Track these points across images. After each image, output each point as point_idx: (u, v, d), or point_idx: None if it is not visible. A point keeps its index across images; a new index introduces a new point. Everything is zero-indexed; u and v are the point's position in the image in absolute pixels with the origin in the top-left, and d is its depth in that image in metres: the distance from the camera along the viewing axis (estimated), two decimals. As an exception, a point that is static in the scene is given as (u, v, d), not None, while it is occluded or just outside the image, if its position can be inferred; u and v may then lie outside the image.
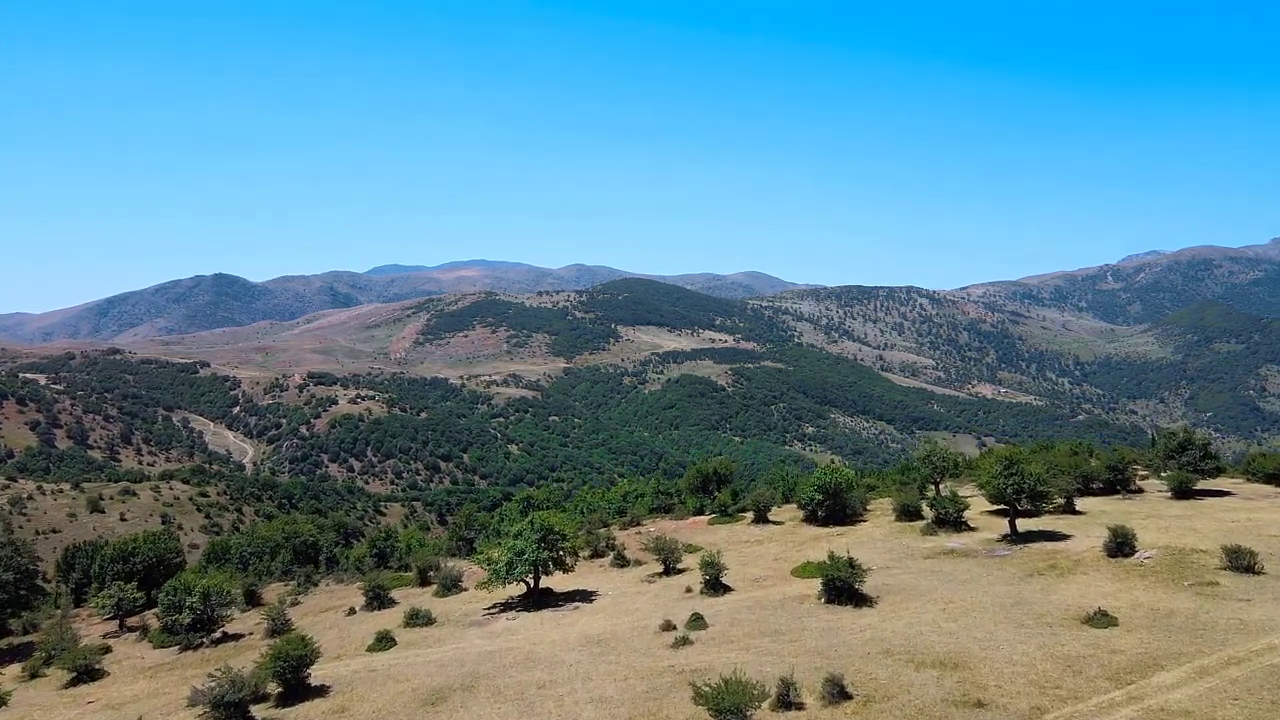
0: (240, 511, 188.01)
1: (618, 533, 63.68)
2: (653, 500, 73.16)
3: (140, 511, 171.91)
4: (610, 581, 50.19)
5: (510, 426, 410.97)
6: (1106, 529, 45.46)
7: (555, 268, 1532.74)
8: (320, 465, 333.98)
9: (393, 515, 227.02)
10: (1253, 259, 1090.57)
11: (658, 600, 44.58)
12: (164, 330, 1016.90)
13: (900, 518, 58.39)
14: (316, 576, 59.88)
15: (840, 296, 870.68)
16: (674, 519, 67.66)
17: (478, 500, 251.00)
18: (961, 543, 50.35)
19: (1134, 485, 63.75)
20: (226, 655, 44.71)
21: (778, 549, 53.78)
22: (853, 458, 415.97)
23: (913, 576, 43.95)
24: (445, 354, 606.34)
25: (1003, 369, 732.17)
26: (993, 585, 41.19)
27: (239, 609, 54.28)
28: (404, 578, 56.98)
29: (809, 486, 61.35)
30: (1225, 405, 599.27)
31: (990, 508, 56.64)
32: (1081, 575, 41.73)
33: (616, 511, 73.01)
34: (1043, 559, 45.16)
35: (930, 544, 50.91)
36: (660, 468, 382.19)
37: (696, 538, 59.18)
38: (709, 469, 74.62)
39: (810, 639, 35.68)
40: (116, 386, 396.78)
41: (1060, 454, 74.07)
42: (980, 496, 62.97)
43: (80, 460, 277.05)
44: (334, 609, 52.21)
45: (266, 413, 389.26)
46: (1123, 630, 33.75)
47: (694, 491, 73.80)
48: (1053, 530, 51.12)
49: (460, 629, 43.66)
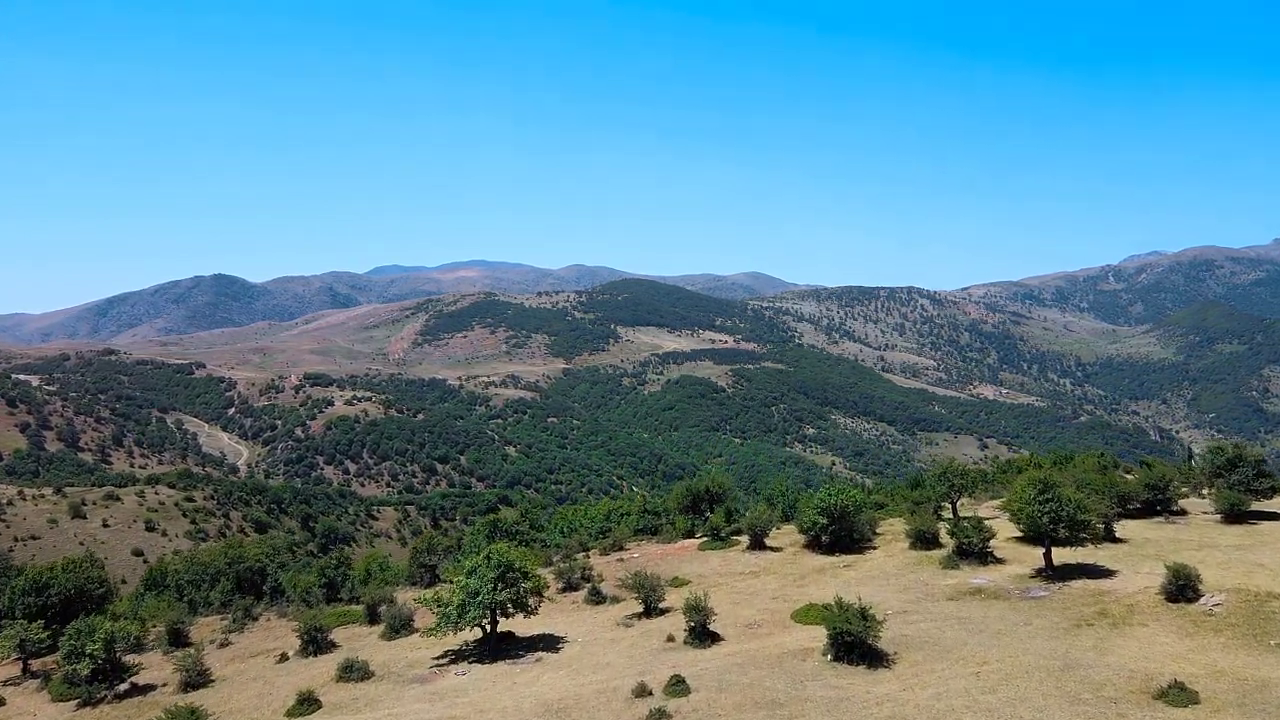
0: (228, 517, 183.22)
1: (597, 559, 56.83)
2: (638, 520, 66.17)
3: (124, 517, 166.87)
4: (582, 623, 43.36)
5: (508, 428, 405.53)
6: (1164, 567, 38.58)
7: (555, 268, 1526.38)
8: (315, 467, 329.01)
9: (386, 520, 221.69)
10: (1255, 259, 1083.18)
11: (634, 652, 37.78)
12: (163, 331, 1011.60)
13: (915, 545, 51.51)
14: (257, 610, 53.13)
15: (841, 297, 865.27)
16: (661, 542, 60.70)
17: (473, 504, 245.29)
18: (989, 579, 43.49)
19: (1175, 506, 56.95)
20: (128, 714, 38.10)
21: (776, 584, 46.92)
22: (854, 459, 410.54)
23: (936, 625, 37.07)
24: (444, 355, 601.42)
25: (1004, 370, 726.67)
26: (1033, 639, 34.36)
27: (161, 650, 47.60)
28: (352, 613, 50.14)
29: (811, 509, 54.45)
30: (1228, 406, 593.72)
31: (1017, 533, 49.98)
32: (1140, 627, 34.89)
33: (598, 532, 66.14)
34: (1089, 602, 38.32)
35: (953, 581, 44.01)
36: (659, 469, 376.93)
37: (684, 567, 52.36)
38: (700, 487, 67.11)
39: (815, 714, 28.94)
40: (110, 388, 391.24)
41: (1086, 467, 67.36)
42: (1004, 518, 56.40)
43: (70, 463, 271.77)
44: (266, 652, 45.44)
45: (262, 414, 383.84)
46: (1207, 711, 26.99)
47: (683, 511, 66.40)
48: (1094, 564, 44.29)
49: (399, 687, 36.88)
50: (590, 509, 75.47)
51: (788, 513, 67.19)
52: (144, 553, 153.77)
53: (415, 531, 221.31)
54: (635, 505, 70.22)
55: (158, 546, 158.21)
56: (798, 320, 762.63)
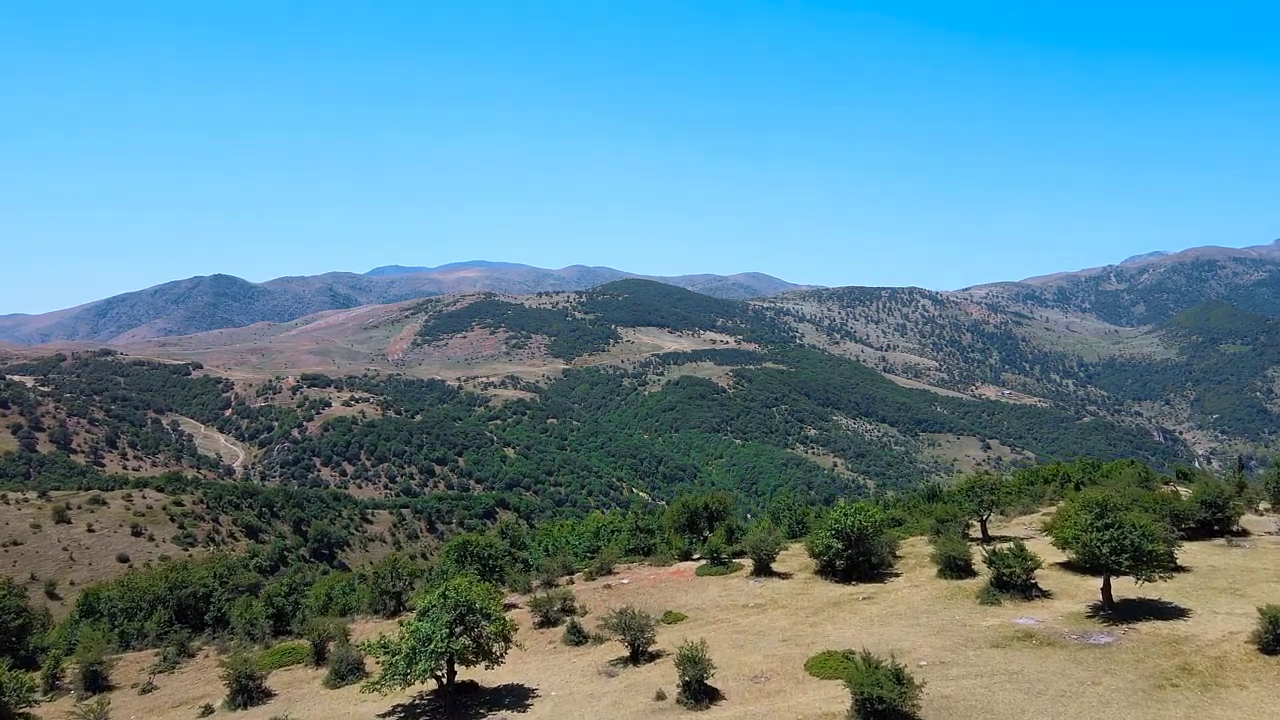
0: (217, 521, 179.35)
1: (582, 585, 50.24)
2: (629, 539, 59.15)
3: (110, 522, 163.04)
4: (558, 669, 36.83)
5: (507, 429, 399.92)
6: (1256, 610, 32.08)
7: (556, 269, 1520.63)
8: (312, 469, 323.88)
9: (381, 523, 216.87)
10: (1257, 260, 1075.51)
11: (616, 714, 31.20)
12: (162, 331, 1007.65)
13: (945, 573, 44.85)
14: (194, 644, 46.70)
15: (842, 297, 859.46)
16: (654, 565, 54.03)
17: (470, 507, 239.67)
18: (1038, 619, 36.87)
19: (1236, 525, 50.39)
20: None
21: (785, 620, 40.37)
22: (855, 461, 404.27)
23: (983, 683, 30.48)
24: (443, 355, 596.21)
25: (1006, 370, 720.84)
26: (1108, 706, 27.71)
27: (77, 695, 41.25)
28: (297, 650, 43.61)
29: (824, 531, 47.91)
30: (1232, 407, 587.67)
31: (1060, 557, 43.55)
32: (1238, 689, 28.41)
33: (586, 552, 59.72)
34: (1165, 652, 31.76)
35: (994, 620, 37.38)
36: (660, 471, 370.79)
37: (679, 598, 45.84)
38: (698, 504, 60.10)
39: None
40: (106, 388, 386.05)
41: (1126, 479, 60.72)
42: (1040, 537, 49.94)
43: (62, 465, 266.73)
44: (191, 702, 38.94)
45: (259, 415, 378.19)
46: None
47: (679, 530, 59.86)
48: (1158, 600, 37.74)
49: (333, 755, 30.61)
50: (578, 525, 68.94)
51: (795, 529, 60.72)
52: (130, 558, 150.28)
53: (411, 535, 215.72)
54: (627, 522, 63.51)
55: (144, 552, 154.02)
56: (799, 321, 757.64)
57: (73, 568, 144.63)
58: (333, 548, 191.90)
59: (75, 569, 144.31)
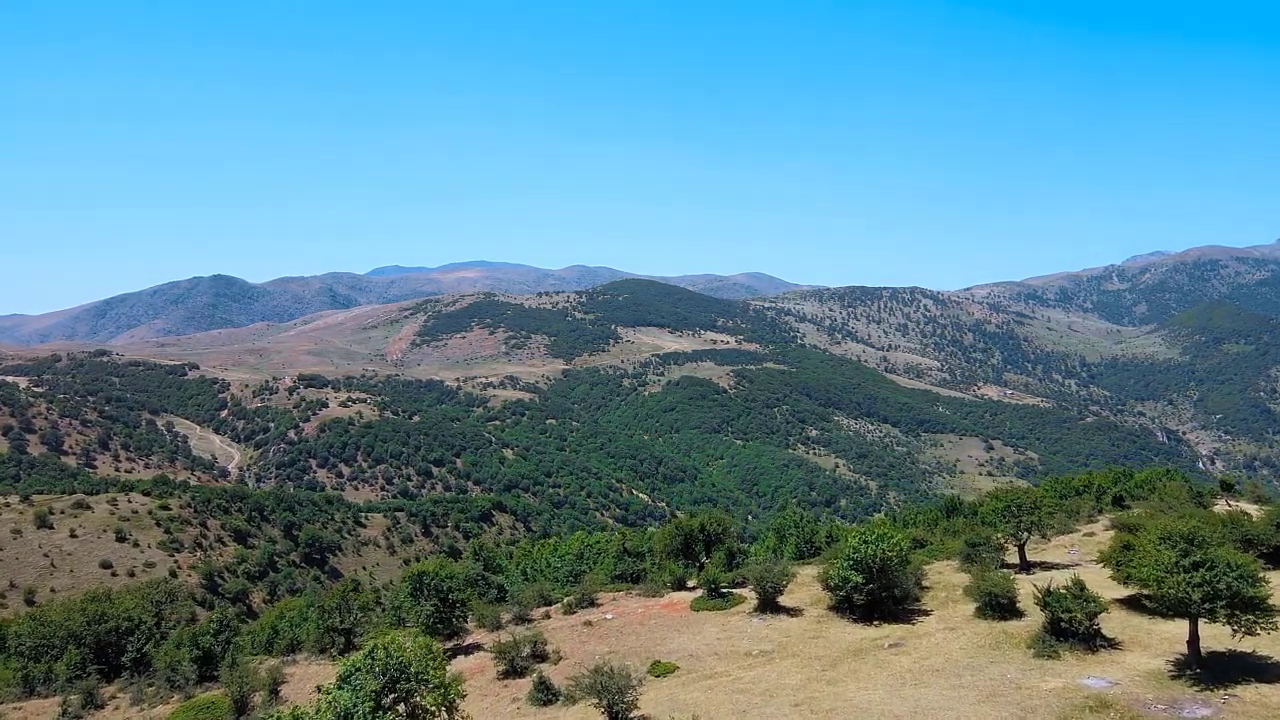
0: (205, 525, 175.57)
1: (559, 621, 43.35)
2: (615, 564, 53.08)
3: (93, 527, 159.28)
4: (521, 740, 30.21)
5: (506, 430, 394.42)
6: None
7: (556, 269, 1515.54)
8: (308, 471, 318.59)
9: (374, 527, 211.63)
10: (1259, 259, 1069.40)
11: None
12: (161, 332, 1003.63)
13: (983, 612, 37.83)
14: (105, 692, 40.07)
15: (843, 297, 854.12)
16: (643, 595, 47.21)
17: (466, 509, 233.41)
18: (1110, 680, 29.78)
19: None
20: None
21: (798, 675, 33.32)
22: (857, 461, 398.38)
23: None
24: (442, 356, 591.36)
25: (1008, 370, 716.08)
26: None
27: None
28: (216, 706, 36.95)
29: (841, 562, 40.82)
30: (1235, 407, 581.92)
31: (1116, 589, 36.87)
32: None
33: (568, 577, 52.98)
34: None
35: (1056, 681, 30.19)
36: (660, 472, 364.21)
37: (670, 641, 38.92)
38: (694, 526, 52.40)
39: None
40: (100, 389, 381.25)
41: (1175, 495, 53.92)
42: (1087, 565, 43.24)
43: (53, 468, 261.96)
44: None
45: (255, 416, 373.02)
46: None
47: (673, 555, 52.82)
48: (1253, 653, 30.86)
49: None
50: (560, 545, 62.29)
51: (803, 549, 53.96)
52: (113, 565, 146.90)
53: (406, 539, 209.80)
54: (614, 544, 56.78)
55: (128, 558, 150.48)
56: (800, 321, 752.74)
57: (54, 575, 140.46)
58: (324, 552, 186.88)
59: (56, 576, 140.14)
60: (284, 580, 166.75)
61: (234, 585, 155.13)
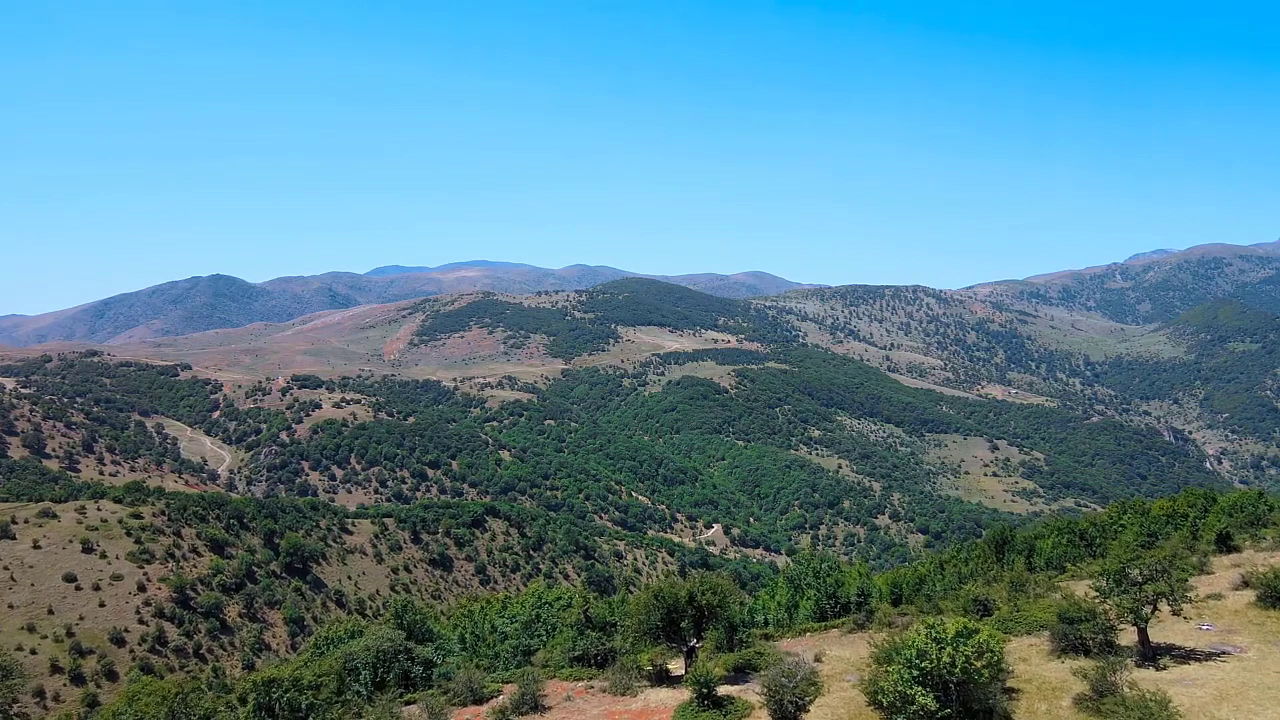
0: (179, 534, 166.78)
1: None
2: (575, 640, 41.40)
3: (58, 538, 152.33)
4: None
5: (503, 431, 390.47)
6: None
7: (557, 268, 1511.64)
8: (300, 473, 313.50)
9: (361, 534, 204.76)
10: (1264, 257, 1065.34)
11: None
12: (160, 332, 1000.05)
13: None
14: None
15: (845, 296, 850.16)
16: (609, 692, 36.15)
17: (457, 515, 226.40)
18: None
19: None
20: None
21: None
22: (860, 462, 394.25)
23: None
24: (440, 356, 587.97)
25: (1012, 369, 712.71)
26: None
27: None
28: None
29: (901, 671, 28.69)
30: (1241, 406, 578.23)
31: None
32: None
33: (517, 651, 43.73)
34: None
35: None
36: (660, 474, 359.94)
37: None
38: (680, 595, 38.78)
39: None
40: (90, 390, 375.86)
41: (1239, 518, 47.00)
42: (1238, 648, 33.48)
43: (34, 471, 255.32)
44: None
45: (246, 417, 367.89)
46: None
47: (650, 635, 40.03)
48: None
49: None
50: (512, 604, 53.71)
51: (826, 607, 44.61)
52: (77, 578, 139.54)
53: (394, 547, 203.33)
54: (575, 609, 44.77)
55: (94, 571, 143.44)
56: (801, 320, 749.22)
57: (13, 589, 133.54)
58: (307, 561, 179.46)
59: (16, 590, 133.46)
60: (262, 593, 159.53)
61: (207, 599, 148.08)
